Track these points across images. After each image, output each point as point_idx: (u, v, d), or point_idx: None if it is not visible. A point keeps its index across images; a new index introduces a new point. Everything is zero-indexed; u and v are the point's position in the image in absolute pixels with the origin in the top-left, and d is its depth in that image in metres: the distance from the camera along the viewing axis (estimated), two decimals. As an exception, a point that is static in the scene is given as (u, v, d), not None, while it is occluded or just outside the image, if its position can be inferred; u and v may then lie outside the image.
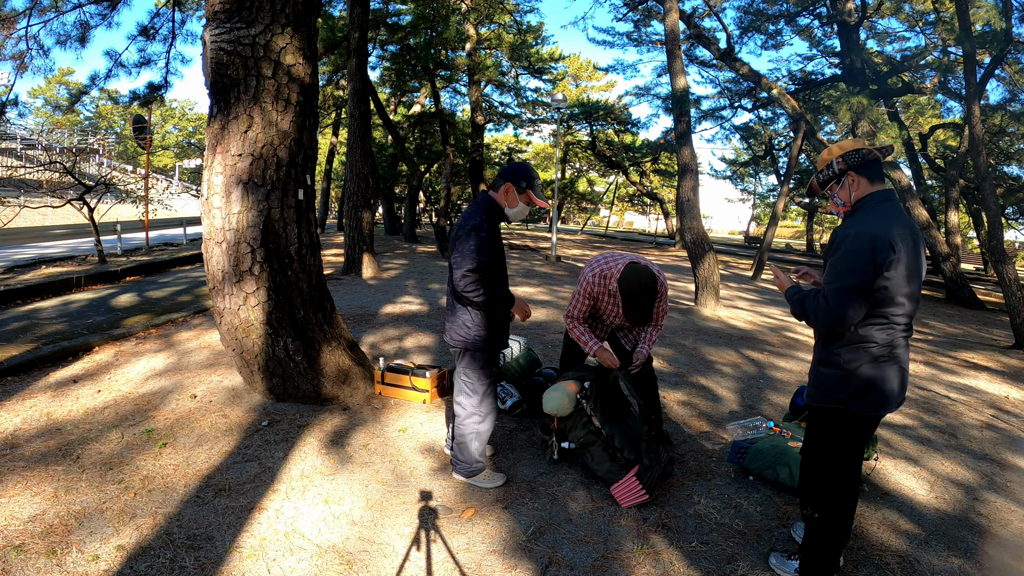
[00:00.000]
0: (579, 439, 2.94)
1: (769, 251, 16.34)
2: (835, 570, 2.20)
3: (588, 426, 2.93)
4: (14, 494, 2.57)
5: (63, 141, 26.68)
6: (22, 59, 7.27)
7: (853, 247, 1.93)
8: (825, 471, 2.16)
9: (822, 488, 2.17)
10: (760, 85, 14.67)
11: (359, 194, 9.62)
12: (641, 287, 2.86)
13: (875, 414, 2.07)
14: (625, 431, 2.92)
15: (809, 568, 2.20)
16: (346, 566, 2.26)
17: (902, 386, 2.05)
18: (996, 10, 10.34)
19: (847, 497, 2.18)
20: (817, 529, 2.17)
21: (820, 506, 2.16)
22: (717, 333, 6.80)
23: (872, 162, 2.05)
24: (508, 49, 18.04)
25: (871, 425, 2.13)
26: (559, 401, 2.90)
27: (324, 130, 23.33)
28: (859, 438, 2.12)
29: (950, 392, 5.09)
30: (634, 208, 39.98)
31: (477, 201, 2.78)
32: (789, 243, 42.80)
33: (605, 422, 2.90)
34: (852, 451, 2.14)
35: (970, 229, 24.23)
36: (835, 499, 2.15)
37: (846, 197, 2.10)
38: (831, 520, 2.15)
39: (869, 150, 2.05)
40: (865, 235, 1.92)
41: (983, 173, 8.49)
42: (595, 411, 2.90)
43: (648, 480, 2.77)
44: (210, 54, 3.31)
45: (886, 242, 1.89)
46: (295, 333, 3.61)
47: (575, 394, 2.95)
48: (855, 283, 1.91)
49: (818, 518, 2.16)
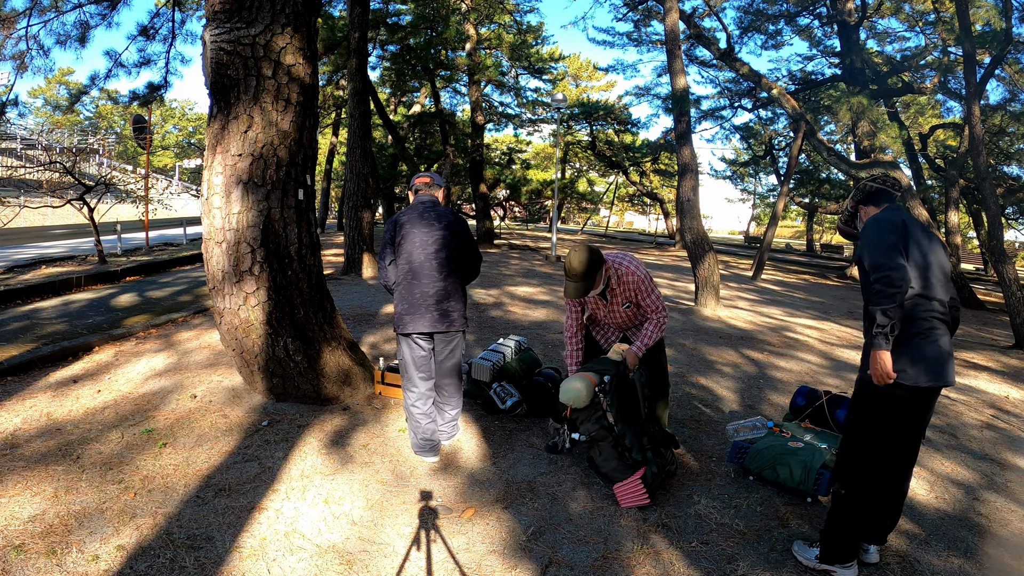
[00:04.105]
0: (590, 432, 2.93)
1: (769, 251, 16.34)
2: (855, 555, 2.28)
3: (601, 421, 2.90)
4: (14, 494, 2.57)
5: (63, 141, 26.69)
6: (22, 59, 7.27)
7: (874, 228, 2.20)
8: (858, 447, 2.27)
9: (853, 464, 2.27)
10: (760, 85, 14.67)
11: (359, 194, 9.62)
12: (572, 253, 2.87)
13: (914, 386, 2.14)
14: (636, 432, 2.91)
15: (829, 550, 2.28)
16: (346, 566, 2.26)
17: (940, 364, 2.14)
18: (996, 10, 10.34)
19: (880, 480, 2.24)
20: (841, 507, 2.26)
21: (847, 482, 2.25)
22: (717, 333, 6.80)
23: (873, 193, 2.37)
24: (508, 49, 18.03)
25: (913, 404, 2.17)
26: (577, 393, 2.86)
27: (324, 130, 23.33)
28: (899, 416, 2.18)
29: (950, 392, 5.08)
30: (634, 208, 39.94)
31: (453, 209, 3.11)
32: (789, 243, 42.78)
33: (619, 420, 2.88)
34: (889, 429, 2.20)
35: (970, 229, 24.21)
36: (864, 478, 2.23)
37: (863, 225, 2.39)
38: (856, 499, 2.22)
39: (866, 184, 2.40)
40: (880, 219, 2.22)
41: (983, 173, 8.49)
42: (611, 407, 2.89)
43: (652, 483, 2.77)
44: (210, 54, 3.31)
45: (899, 220, 2.19)
46: (295, 333, 3.61)
47: (593, 386, 2.93)
48: (888, 244, 2.11)
49: (844, 495, 2.25)
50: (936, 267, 2.17)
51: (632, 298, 3.02)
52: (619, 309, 3.08)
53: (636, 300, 3.02)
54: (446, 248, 3.05)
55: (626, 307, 3.06)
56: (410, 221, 3.05)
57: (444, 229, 3.06)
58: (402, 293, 3.04)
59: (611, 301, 3.07)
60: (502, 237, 23.04)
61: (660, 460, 2.90)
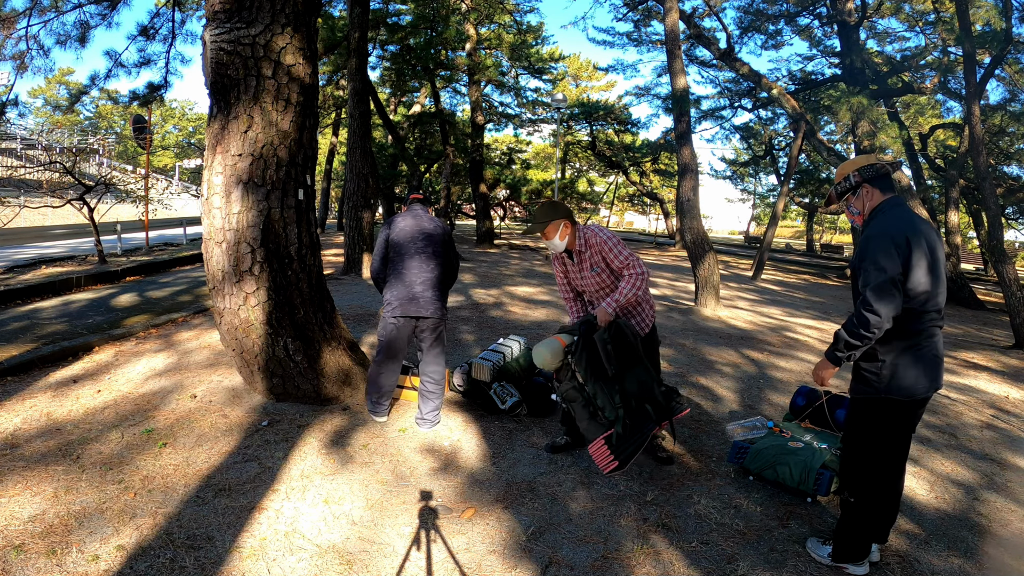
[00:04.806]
0: (563, 392, 2.97)
1: (769, 251, 16.34)
2: (866, 554, 2.33)
3: (572, 381, 2.93)
4: (14, 494, 2.57)
5: (63, 141, 26.70)
6: (22, 59, 7.27)
7: (876, 245, 2.14)
8: (861, 458, 2.31)
9: (858, 474, 2.32)
10: (760, 85, 14.66)
11: (359, 194, 9.62)
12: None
13: (910, 399, 2.20)
14: (606, 391, 2.86)
15: (842, 550, 2.34)
16: (346, 566, 2.26)
17: (935, 371, 2.21)
18: (996, 10, 10.34)
19: (883, 484, 2.31)
20: (852, 513, 2.32)
21: (856, 491, 2.31)
22: (717, 333, 6.80)
23: (884, 175, 2.29)
24: (508, 49, 18.04)
25: (910, 412, 2.24)
26: (542, 356, 2.95)
27: (324, 130, 23.33)
28: (897, 426, 2.25)
29: (950, 392, 5.08)
30: (634, 208, 39.96)
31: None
32: (789, 243, 42.78)
33: (588, 379, 2.88)
34: (888, 439, 2.26)
35: (970, 229, 24.20)
36: (870, 485, 2.29)
37: (860, 207, 2.34)
38: (865, 505, 2.30)
39: (881, 164, 2.29)
40: (885, 234, 2.14)
41: (983, 173, 8.49)
42: (579, 367, 2.88)
43: (620, 449, 2.70)
44: (210, 54, 3.31)
45: (903, 238, 2.11)
46: (295, 333, 3.61)
47: (561, 348, 2.95)
48: (887, 277, 2.09)
49: (853, 502, 2.32)
50: (937, 277, 2.16)
51: (600, 262, 3.05)
52: (588, 274, 3.10)
53: (605, 263, 3.04)
54: (432, 246, 3.48)
55: (594, 272, 3.08)
56: (404, 220, 3.51)
57: (432, 231, 3.52)
58: (391, 281, 3.45)
59: (580, 265, 3.13)
60: (502, 237, 23.04)
61: (633, 427, 2.77)
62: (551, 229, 3.06)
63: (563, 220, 3.06)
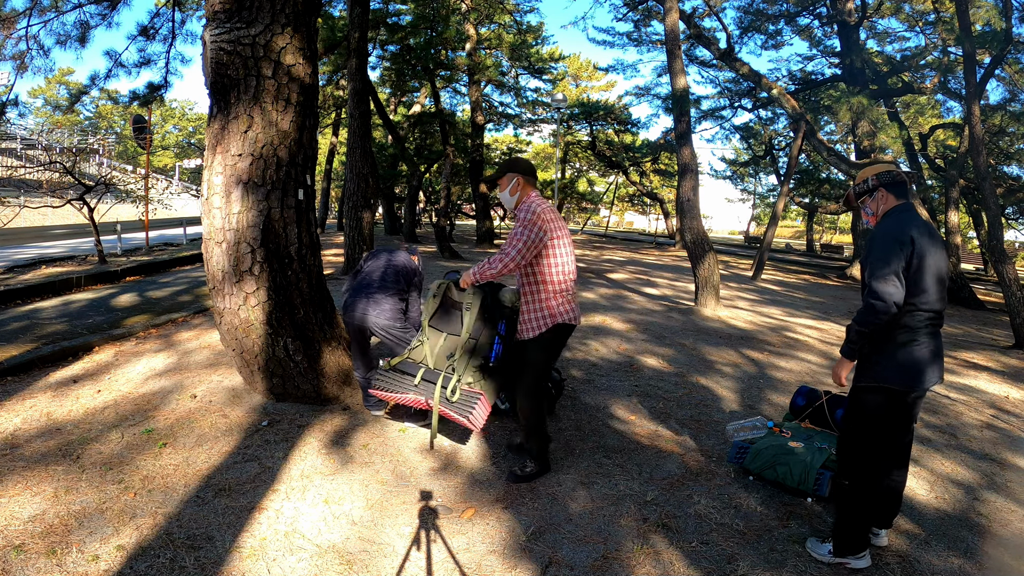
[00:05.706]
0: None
1: (769, 251, 16.34)
2: (865, 546, 2.39)
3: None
4: (14, 494, 2.57)
5: (63, 141, 26.70)
6: (22, 59, 7.27)
7: (882, 243, 2.31)
8: (856, 443, 2.42)
9: (853, 459, 2.43)
10: (760, 85, 14.67)
11: (359, 194, 9.62)
12: None
13: (907, 390, 2.31)
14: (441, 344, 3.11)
15: (841, 544, 2.39)
16: (346, 566, 2.26)
17: (934, 366, 2.32)
18: (996, 10, 10.34)
19: (876, 469, 2.41)
20: (847, 501, 2.40)
21: (850, 474, 2.42)
22: (717, 333, 6.80)
23: (900, 183, 2.43)
24: (508, 49, 18.04)
25: (906, 403, 2.35)
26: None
27: (324, 130, 23.32)
28: (892, 414, 2.34)
29: (950, 392, 5.09)
30: (634, 208, 39.92)
31: None
32: (789, 243, 42.78)
33: (430, 323, 3.19)
34: (883, 426, 2.36)
35: (970, 229, 24.19)
36: (863, 469, 2.39)
37: (875, 208, 2.50)
38: (859, 490, 2.37)
39: (899, 172, 2.44)
40: (890, 233, 2.31)
41: (983, 173, 8.49)
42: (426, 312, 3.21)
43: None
44: (210, 54, 3.31)
45: (907, 236, 2.27)
46: (295, 333, 3.61)
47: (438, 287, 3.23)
48: (890, 270, 2.25)
49: (848, 485, 2.41)
50: (937, 280, 2.29)
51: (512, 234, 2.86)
52: None
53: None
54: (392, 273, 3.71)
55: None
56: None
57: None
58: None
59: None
60: (502, 237, 23.04)
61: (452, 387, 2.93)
62: (504, 181, 2.96)
63: (518, 176, 2.93)
